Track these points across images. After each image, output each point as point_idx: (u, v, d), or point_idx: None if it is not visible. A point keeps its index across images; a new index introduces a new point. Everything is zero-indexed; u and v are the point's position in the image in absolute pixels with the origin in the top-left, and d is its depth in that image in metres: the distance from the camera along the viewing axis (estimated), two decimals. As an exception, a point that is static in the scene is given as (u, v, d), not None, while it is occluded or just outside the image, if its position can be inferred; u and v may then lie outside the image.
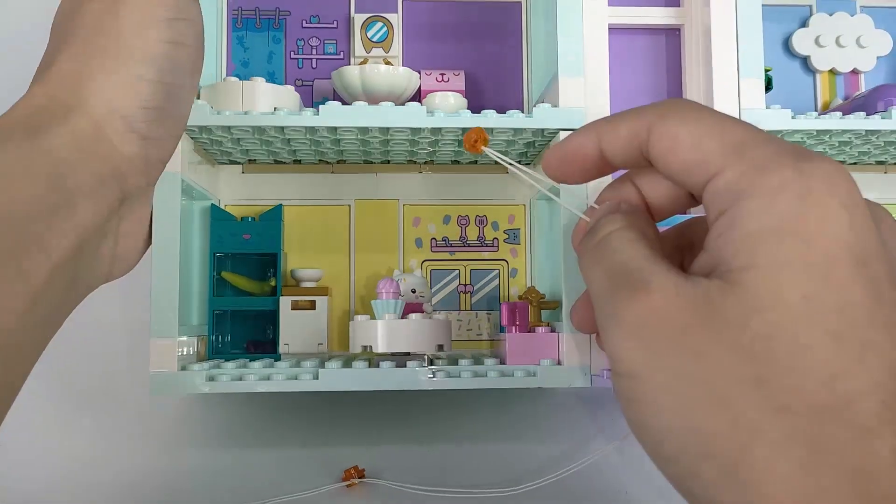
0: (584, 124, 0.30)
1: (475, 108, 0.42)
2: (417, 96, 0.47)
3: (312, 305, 0.45)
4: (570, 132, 0.28)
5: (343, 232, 0.48)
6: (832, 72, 0.51)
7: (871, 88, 0.47)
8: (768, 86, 0.48)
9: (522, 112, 0.41)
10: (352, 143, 0.43)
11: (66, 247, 0.29)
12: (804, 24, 0.51)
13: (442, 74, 0.48)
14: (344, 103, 0.41)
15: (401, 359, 0.40)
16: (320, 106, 0.40)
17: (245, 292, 0.46)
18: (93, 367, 0.48)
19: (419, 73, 0.47)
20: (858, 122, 0.42)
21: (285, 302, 0.44)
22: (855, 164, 0.51)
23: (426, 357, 0.40)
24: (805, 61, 0.51)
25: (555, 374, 0.39)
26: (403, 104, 0.41)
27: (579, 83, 0.41)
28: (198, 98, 0.42)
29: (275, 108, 0.40)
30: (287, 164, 0.48)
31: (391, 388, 0.39)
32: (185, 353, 0.40)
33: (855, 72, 0.51)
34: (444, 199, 0.49)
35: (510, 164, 0.30)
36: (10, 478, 0.46)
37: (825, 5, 0.52)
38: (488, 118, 0.41)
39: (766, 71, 0.47)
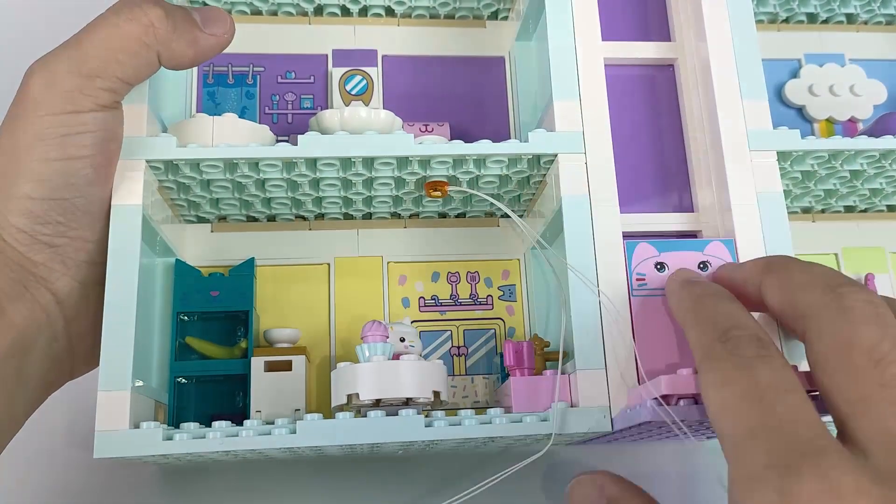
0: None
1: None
2: (401, 147, 0.44)
3: (289, 366, 0.39)
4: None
5: (322, 293, 0.43)
6: (829, 120, 0.49)
7: (876, 118, 0.45)
8: None
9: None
10: (332, 186, 0.40)
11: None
12: (795, 74, 0.50)
13: (426, 125, 0.45)
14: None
15: (391, 409, 0.34)
16: (299, 136, 0.37)
17: (211, 360, 0.41)
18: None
19: (402, 123, 0.44)
20: (872, 141, 0.40)
21: (257, 363, 0.39)
22: (865, 210, 0.48)
23: (421, 405, 0.35)
24: (801, 111, 0.50)
25: (571, 418, 0.34)
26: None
27: (575, 106, 0.38)
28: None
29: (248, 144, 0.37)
30: (260, 221, 0.44)
31: (382, 441, 0.33)
32: (140, 411, 0.34)
33: (853, 120, 0.49)
34: (432, 255, 0.45)
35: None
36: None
37: (814, 58, 0.51)
38: (482, 145, 0.38)
39: None
